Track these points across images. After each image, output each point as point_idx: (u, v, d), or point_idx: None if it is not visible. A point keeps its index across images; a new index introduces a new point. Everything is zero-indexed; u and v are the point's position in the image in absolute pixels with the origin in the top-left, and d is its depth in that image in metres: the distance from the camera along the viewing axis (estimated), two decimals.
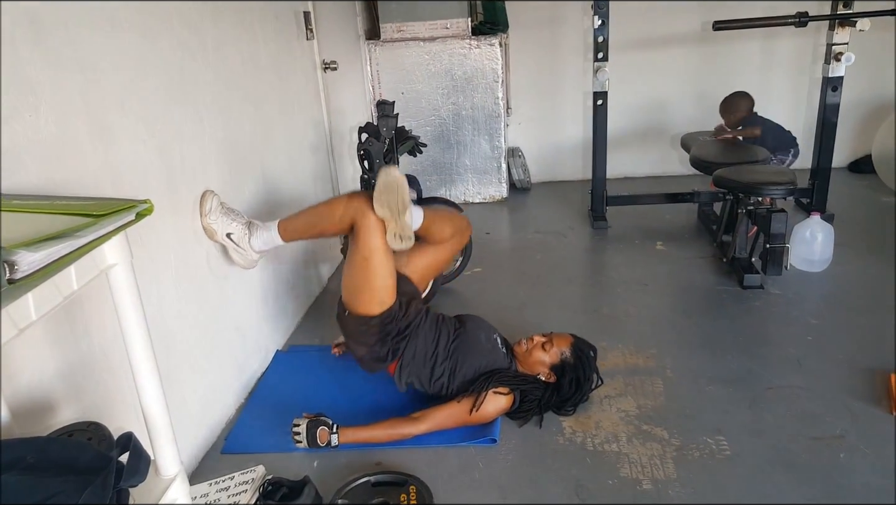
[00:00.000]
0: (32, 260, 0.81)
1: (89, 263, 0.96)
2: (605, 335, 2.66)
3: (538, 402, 2.15)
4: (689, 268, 3.27)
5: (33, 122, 1.38)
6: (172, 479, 1.16)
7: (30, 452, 0.90)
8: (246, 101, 2.47)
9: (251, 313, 2.50)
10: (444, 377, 2.17)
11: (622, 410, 2.20)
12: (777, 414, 2.13)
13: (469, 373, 2.16)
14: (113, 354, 1.61)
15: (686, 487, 1.84)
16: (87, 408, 1.53)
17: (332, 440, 2.02)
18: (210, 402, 2.17)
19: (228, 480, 1.90)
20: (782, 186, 2.88)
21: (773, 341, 2.57)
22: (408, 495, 1.84)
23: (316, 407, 2.14)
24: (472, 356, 2.18)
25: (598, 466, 1.95)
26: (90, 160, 1.57)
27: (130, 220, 1.01)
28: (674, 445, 2.02)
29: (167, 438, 1.16)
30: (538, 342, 2.21)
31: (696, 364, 2.44)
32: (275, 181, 2.73)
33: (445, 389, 2.18)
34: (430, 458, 2.02)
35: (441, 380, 2.17)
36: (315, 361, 2.61)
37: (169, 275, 1.93)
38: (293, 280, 2.91)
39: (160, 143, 1.88)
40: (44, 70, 1.42)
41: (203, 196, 2.14)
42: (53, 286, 0.89)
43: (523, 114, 4.77)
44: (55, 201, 1.04)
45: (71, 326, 1.49)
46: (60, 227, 0.89)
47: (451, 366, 2.18)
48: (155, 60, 1.87)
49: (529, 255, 3.58)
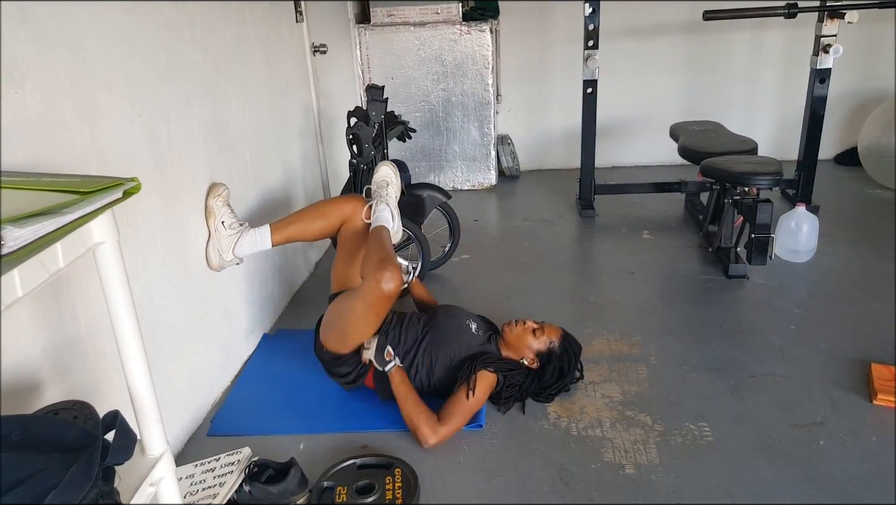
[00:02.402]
0: (19, 236, 0.81)
1: (76, 241, 0.96)
2: (591, 322, 2.68)
3: (519, 387, 2.17)
4: (675, 257, 3.29)
5: (19, 98, 1.37)
6: (158, 458, 1.17)
7: (15, 430, 0.90)
8: (234, 83, 2.45)
9: (238, 297, 2.50)
10: (423, 373, 2.17)
11: (606, 395, 2.23)
12: (759, 401, 2.16)
13: (446, 363, 2.16)
14: (99, 333, 1.60)
15: (668, 472, 1.87)
16: (74, 387, 1.52)
17: (394, 362, 2.10)
18: (196, 384, 2.17)
19: (214, 461, 1.90)
20: (768, 177, 2.90)
21: (756, 330, 2.60)
22: (393, 478, 1.86)
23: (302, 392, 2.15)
24: (445, 347, 2.18)
25: (581, 451, 1.97)
26: (76, 139, 1.56)
27: (118, 198, 1.00)
28: (657, 430, 2.04)
29: (153, 417, 1.16)
30: (530, 326, 2.23)
31: (680, 351, 2.46)
32: (262, 164, 2.72)
33: (427, 385, 2.18)
34: (416, 441, 2.03)
35: (419, 377, 2.17)
36: (302, 345, 2.60)
37: (156, 257, 1.93)
38: (281, 264, 2.90)
39: (147, 124, 1.87)
40: (29, 46, 1.40)
41: (215, 184, 2.25)
42: (39, 263, 0.88)
43: (513, 101, 4.76)
44: (42, 178, 1.03)
45: (58, 305, 1.49)
46: (47, 203, 0.88)
47: (426, 361, 2.17)
48: (142, 39, 1.85)
49: (517, 242, 3.59)
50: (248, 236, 2.29)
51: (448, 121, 4.33)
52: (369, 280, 1.99)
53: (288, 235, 2.36)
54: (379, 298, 1.98)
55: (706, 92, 4.66)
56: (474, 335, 2.24)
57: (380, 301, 2.00)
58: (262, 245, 2.32)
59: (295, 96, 3.17)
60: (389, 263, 1.99)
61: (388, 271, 1.95)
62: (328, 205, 2.45)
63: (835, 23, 3.39)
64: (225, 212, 2.24)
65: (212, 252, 2.24)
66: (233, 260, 2.28)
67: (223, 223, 2.23)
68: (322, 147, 3.52)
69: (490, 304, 2.82)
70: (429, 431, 2.00)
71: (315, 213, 2.41)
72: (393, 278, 1.95)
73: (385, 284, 1.94)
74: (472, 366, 2.11)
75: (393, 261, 2.01)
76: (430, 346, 2.19)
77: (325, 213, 2.39)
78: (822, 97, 3.58)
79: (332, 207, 2.40)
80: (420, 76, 4.23)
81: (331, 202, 2.48)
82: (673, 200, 3.98)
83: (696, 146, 3.48)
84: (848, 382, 2.23)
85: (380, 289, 1.95)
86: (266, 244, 2.32)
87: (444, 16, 4.11)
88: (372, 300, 2.01)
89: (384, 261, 2.00)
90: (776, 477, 1.84)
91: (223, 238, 2.24)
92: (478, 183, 4.49)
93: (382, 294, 1.96)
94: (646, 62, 4.61)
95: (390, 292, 1.96)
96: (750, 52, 4.56)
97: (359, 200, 2.39)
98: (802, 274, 3.06)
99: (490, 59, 4.17)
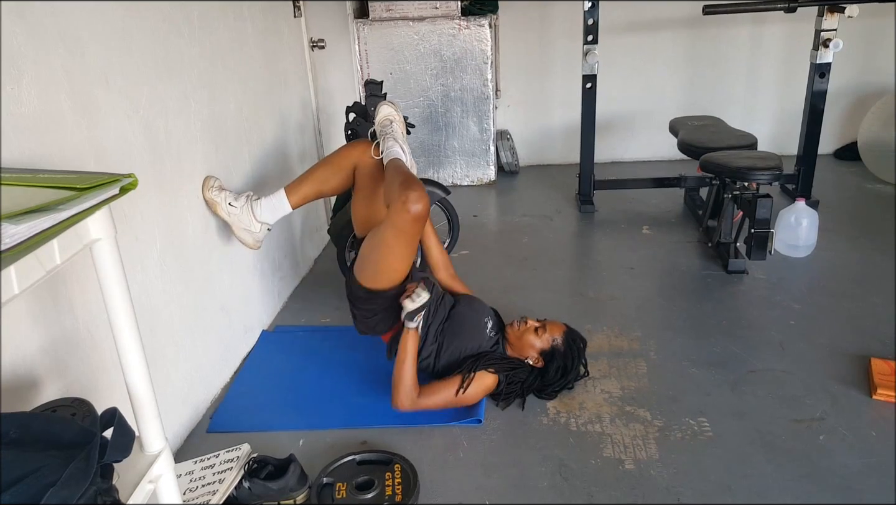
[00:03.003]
0: (15, 232, 0.80)
1: (73, 237, 0.95)
2: (591, 318, 2.67)
3: (521, 384, 2.17)
4: (674, 252, 3.29)
5: (15, 94, 1.36)
6: (157, 455, 1.16)
7: (13, 428, 0.89)
8: (232, 79, 2.44)
9: (237, 293, 2.49)
10: (431, 358, 2.19)
11: (606, 391, 2.22)
12: (758, 396, 2.16)
13: (454, 354, 2.17)
14: (97, 330, 1.60)
15: (668, 468, 1.87)
16: (72, 385, 1.52)
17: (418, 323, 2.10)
18: (195, 381, 2.17)
19: (213, 458, 1.90)
20: (768, 172, 2.89)
21: (756, 325, 2.60)
22: (393, 474, 1.86)
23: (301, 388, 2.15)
24: (458, 339, 2.19)
25: (581, 447, 1.97)
26: (73, 135, 1.55)
27: (114, 195, 0.99)
28: (656, 426, 2.04)
29: (152, 414, 1.15)
30: (531, 326, 2.22)
31: (679, 347, 2.46)
32: (261, 160, 2.71)
33: (431, 369, 2.20)
34: (416, 437, 2.03)
35: (428, 360, 2.19)
36: (301, 342, 2.61)
37: (154, 253, 1.92)
38: (280, 260, 2.90)
39: (145, 120, 1.86)
40: (26, 42, 1.40)
41: (207, 178, 2.23)
42: (36, 260, 0.88)
43: (512, 96, 4.75)
44: (38, 174, 1.02)
45: (55, 302, 1.48)
46: (43, 200, 0.88)
47: (437, 346, 2.19)
48: (139, 35, 1.84)
49: (517, 237, 3.58)
50: (265, 203, 2.28)
51: (447, 116, 4.32)
52: (395, 205, 1.91)
53: (305, 194, 2.34)
54: (408, 221, 1.91)
55: (706, 87, 4.65)
56: (487, 335, 2.24)
57: (409, 224, 1.92)
58: (283, 209, 2.31)
59: (293, 92, 3.16)
60: (413, 183, 1.92)
61: (414, 192, 1.88)
62: (336, 155, 2.40)
63: (835, 17, 3.38)
64: (224, 195, 2.24)
65: (241, 234, 2.25)
66: (262, 227, 2.29)
67: (230, 204, 2.23)
68: (321, 142, 3.51)
69: (490, 299, 2.80)
70: (406, 399, 2.07)
71: (325, 166, 2.39)
72: (420, 198, 1.88)
73: (413, 205, 1.87)
74: (475, 365, 2.11)
75: (416, 181, 1.94)
76: (446, 331, 2.20)
77: (335, 162, 2.37)
78: (822, 92, 3.58)
79: (341, 156, 2.37)
80: (419, 71, 4.21)
81: (338, 152, 2.42)
82: (672, 196, 3.98)
83: (695, 141, 3.47)
84: (847, 377, 2.23)
85: (407, 210, 1.88)
86: (286, 207, 2.31)
87: (443, 11, 4.10)
88: (401, 224, 1.93)
89: (407, 182, 1.93)
90: (776, 472, 1.84)
91: (241, 215, 2.24)
92: (477, 178, 4.48)
93: (411, 216, 1.89)
94: (645, 57, 4.59)
95: (418, 213, 1.89)
96: (750, 47, 4.55)
97: (365, 143, 2.35)
98: (802, 269, 3.06)
99: (489, 55, 4.16)
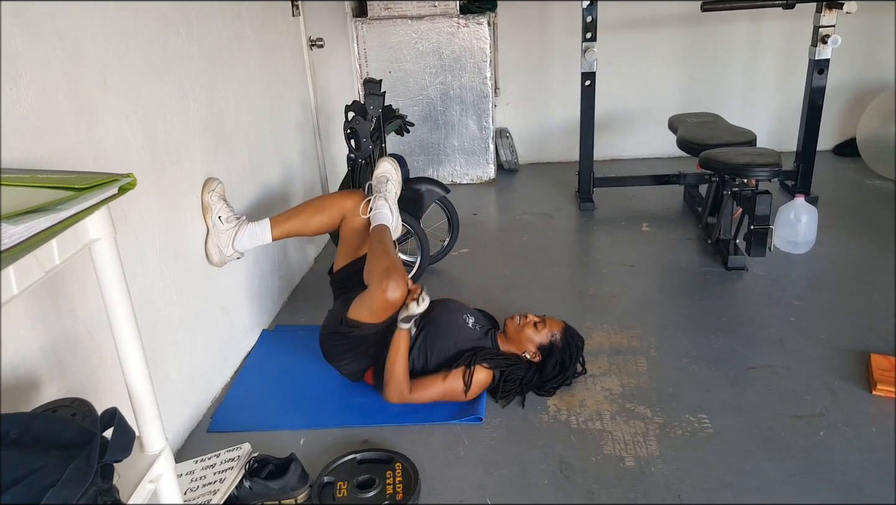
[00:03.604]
0: (13, 233, 0.80)
1: (72, 238, 0.95)
2: (591, 315, 2.68)
3: (520, 381, 2.17)
4: (674, 249, 3.29)
5: (13, 95, 1.36)
6: (157, 454, 1.16)
7: (13, 428, 0.89)
8: (231, 78, 2.44)
9: (237, 293, 2.49)
10: (420, 364, 2.18)
11: (606, 388, 2.23)
12: (758, 393, 2.16)
13: (441, 356, 2.17)
14: (97, 331, 1.60)
15: (668, 464, 1.87)
16: (72, 385, 1.52)
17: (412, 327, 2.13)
18: (195, 380, 2.17)
19: (214, 457, 1.90)
20: (767, 168, 2.89)
21: (755, 322, 2.60)
22: (393, 472, 1.86)
23: (301, 387, 2.15)
24: (441, 340, 2.18)
25: (581, 444, 1.97)
26: (72, 135, 1.55)
27: (113, 194, 0.99)
28: (657, 422, 2.05)
29: (152, 413, 1.15)
30: (531, 320, 2.23)
31: (679, 344, 2.46)
32: (260, 159, 2.71)
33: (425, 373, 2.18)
34: (416, 435, 2.04)
35: (414, 371, 2.18)
36: (301, 341, 2.61)
37: (153, 253, 1.92)
38: (279, 260, 2.90)
39: (143, 120, 1.86)
40: (24, 42, 1.39)
41: (209, 179, 2.23)
42: (35, 260, 0.88)
43: (511, 94, 4.75)
44: (37, 175, 1.02)
45: (55, 303, 1.48)
46: (42, 200, 0.88)
47: (422, 357, 2.18)
48: (137, 34, 1.84)
49: (516, 236, 3.58)
50: (248, 230, 2.28)
51: (446, 114, 4.32)
52: (375, 288, 2.05)
53: (287, 230, 2.37)
54: (383, 307, 2.06)
55: (705, 84, 4.65)
56: (471, 330, 2.24)
57: (385, 307, 2.06)
58: (263, 239, 2.32)
59: (292, 91, 3.15)
60: (394, 271, 2.04)
61: (394, 280, 2.01)
62: (328, 200, 2.45)
63: (833, 13, 3.38)
64: (221, 206, 2.24)
65: (211, 248, 2.24)
66: (233, 255, 2.28)
67: (220, 218, 2.23)
68: (320, 141, 3.51)
69: (489, 297, 2.82)
70: (395, 393, 2.11)
71: (315, 207, 2.41)
72: (398, 287, 2.02)
73: (390, 293, 2.02)
74: (472, 359, 2.11)
75: (398, 269, 2.06)
76: (426, 341, 2.19)
77: (325, 207, 2.39)
78: (821, 88, 3.58)
79: (332, 203, 2.40)
80: (418, 70, 4.21)
81: (331, 197, 2.48)
82: (672, 193, 3.98)
83: (694, 138, 3.47)
84: (847, 372, 2.23)
85: (385, 298, 2.03)
86: (266, 238, 2.32)
87: (442, 9, 4.09)
88: (377, 308, 2.07)
89: (389, 270, 2.05)
90: (776, 468, 1.84)
91: (221, 233, 2.23)
92: (476, 177, 4.48)
93: (387, 303, 2.04)
94: (644, 54, 4.59)
95: (395, 301, 2.04)
96: (748, 44, 4.55)
97: (358, 196, 2.39)
98: (801, 265, 3.06)
99: (488, 53, 4.16)
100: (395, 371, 2.10)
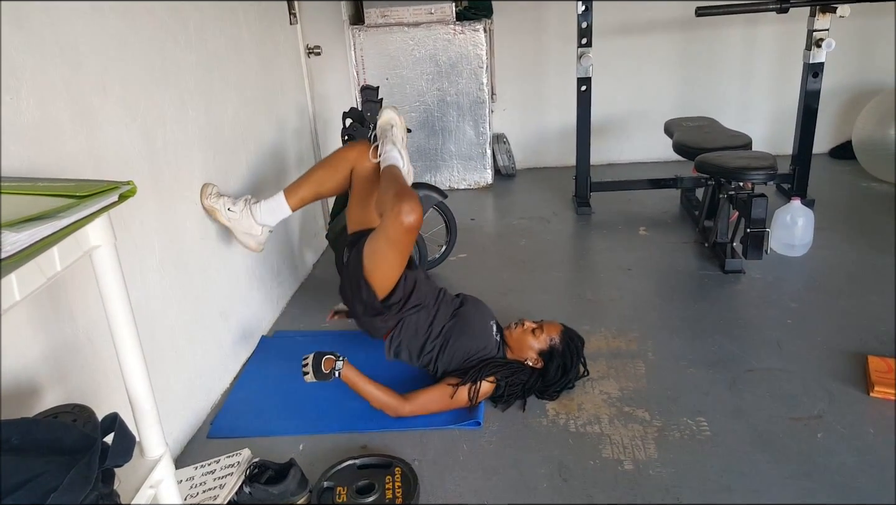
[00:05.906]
0: (15, 240, 0.81)
1: (72, 245, 0.96)
2: (589, 319, 2.68)
3: (522, 386, 2.17)
4: (671, 253, 3.30)
5: (14, 105, 1.37)
6: (158, 460, 1.17)
7: (14, 434, 0.90)
8: (229, 86, 2.46)
9: (236, 299, 2.50)
10: (433, 353, 2.19)
11: (605, 392, 2.23)
12: (756, 395, 2.17)
13: (458, 354, 2.17)
14: (98, 337, 1.61)
15: (667, 467, 1.87)
16: (72, 391, 1.53)
17: (337, 366, 2.02)
18: (195, 386, 2.17)
19: (214, 463, 1.91)
20: (763, 172, 2.91)
21: (753, 324, 2.61)
22: (393, 477, 1.86)
23: (301, 393, 2.15)
24: (463, 339, 2.19)
25: (580, 448, 1.98)
26: (72, 144, 1.56)
27: (113, 202, 1.00)
28: (655, 426, 2.05)
29: (152, 419, 1.16)
30: (529, 327, 2.23)
31: (677, 347, 2.47)
32: (258, 166, 2.72)
33: (432, 366, 2.21)
34: (415, 440, 2.04)
35: (430, 355, 2.20)
36: (300, 347, 2.59)
37: (153, 260, 1.93)
38: (278, 266, 2.91)
39: (142, 128, 1.87)
40: (25, 52, 1.41)
41: (203, 186, 2.24)
42: (36, 267, 0.89)
43: (508, 100, 4.77)
44: (38, 183, 1.04)
45: (56, 309, 1.49)
46: (43, 207, 0.89)
47: (441, 344, 2.19)
48: (136, 43, 1.86)
49: (514, 240, 3.59)
50: (264, 206, 2.30)
51: (443, 120, 4.34)
52: (388, 215, 1.95)
53: (303, 196, 2.36)
54: (401, 232, 1.94)
55: (700, 88, 4.67)
56: (493, 338, 2.24)
57: (402, 235, 1.95)
58: (282, 211, 2.33)
59: (290, 98, 3.17)
60: (406, 195, 1.95)
61: (407, 204, 1.91)
62: (334, 156, 2.43)
63: (827, 17, 3.40)
64: (223, 200, 2.25)
65: (243, 238, 2.26)
66: (264, 230, 2.31)
67: (229, 209, 2.24)
68: (318, 148, 3.52)
69: (488, 302, 2.80)
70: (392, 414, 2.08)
71: (323, 168, 2.41)
72: (413, 210, 1.91)
73: (405, 216, 1.91)
74: (479, 375, 2.11)
75: (409, 192, 1.97)
76: (450, 331, 2.19)
77: (332, 164, 2.39)
78: (816, 91, 3.59)
79: (338, 158, 2.39)
80: (415, 76, 4.23)
81: (335, 153, 2.44)
82: (668, 197, 3.99)
83: (690, 142, 3.49)
84: (845, 374, 2.24)
85: (400, 221, 1.91)
86: (285, 209, 2.33)
87: (438, 16, 4.11)
88: (394, 235, 1.97)
89: (401, 194, 1.96)
90: (774, 471, 1.84)
91: (241, 219, 2.25)
92: (474, 182, 4.50)
93: (403, 227, 1.92)
94: (639, 59, 4.61)
95: (411, 224, 1.92)
96: (743, 48, 4.58)
97: (364, 144, 2.38)
98: (798, 268, 3.07)
99: (484, 59, 4.18)
100: (374, 402, 2.08)
